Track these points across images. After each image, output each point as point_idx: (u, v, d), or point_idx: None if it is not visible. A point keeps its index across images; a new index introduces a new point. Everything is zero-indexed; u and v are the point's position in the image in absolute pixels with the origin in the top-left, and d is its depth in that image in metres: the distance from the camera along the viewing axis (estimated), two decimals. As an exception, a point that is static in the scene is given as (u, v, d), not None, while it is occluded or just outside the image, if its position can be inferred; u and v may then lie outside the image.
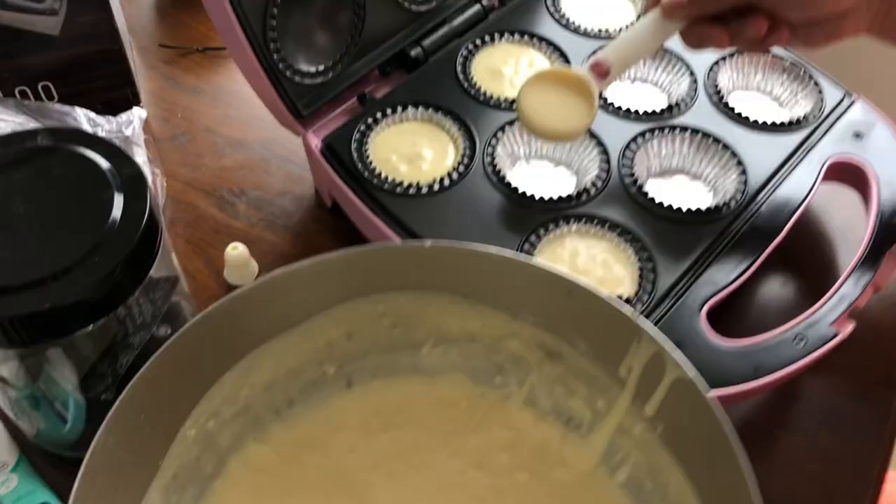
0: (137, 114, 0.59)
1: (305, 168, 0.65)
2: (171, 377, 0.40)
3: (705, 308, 0.49)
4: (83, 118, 0.57)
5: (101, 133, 0.57)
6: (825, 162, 0.57)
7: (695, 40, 0.50)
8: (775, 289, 0.56)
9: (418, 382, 0.51)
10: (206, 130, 0.68)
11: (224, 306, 0.42)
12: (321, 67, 0.57)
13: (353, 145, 0.57)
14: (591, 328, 0.44)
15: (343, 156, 0.56)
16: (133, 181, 0.42)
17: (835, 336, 0.48)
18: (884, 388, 0.55)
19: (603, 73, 0.51)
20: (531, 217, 0.53)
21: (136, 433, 0.39)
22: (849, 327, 0.49)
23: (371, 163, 0.56)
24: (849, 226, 0.59)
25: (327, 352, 0.48)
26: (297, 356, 0.47)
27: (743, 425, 0.51)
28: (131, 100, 0.68)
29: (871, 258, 0.52)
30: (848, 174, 0.58)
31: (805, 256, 0.58)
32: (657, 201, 0.54)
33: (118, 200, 0.41)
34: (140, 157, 0.58)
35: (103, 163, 0.41)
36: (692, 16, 0.49)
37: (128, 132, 0.57)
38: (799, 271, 0.58)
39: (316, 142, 0.58)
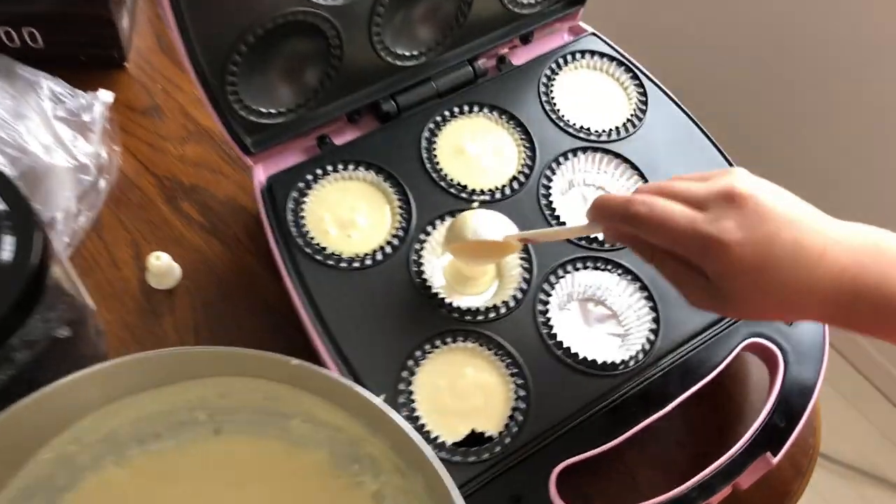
0: (101, 98, 0.59)
1: (257, 179, 0.66)
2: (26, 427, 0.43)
3: (556, 470, 0.50)
4: (46, 92, 0.57)
5: (60, 112, 0.58)
6: (743, 342, 0.56)
7: (611, 235, 0.50)
8: (645, 456, 0.57)
9: (283, 448, 0.53)
10: (180, 111, 0.68)
11: (102, 368, 0.44)
12: (283, 109, 0.57)
13: (294, 193, 0.57)
14: (423, 469, 0.46)
15: (279, 202, 0.57)
16: (25, 226, 0.43)
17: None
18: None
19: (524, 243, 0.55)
20: (434, 321, 0.54)
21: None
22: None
23: (303, 217, 0.56)
24: (747, 401, 0.59)
25: (199, 403, 0.51)
26: (166, 404, 0.50)
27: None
28: (116, 59, 0.68)
29: (742, 457, 0.52)
30: (761, 353, 0.57)
31: (691, 424, 0.58)
32: (557, 339, 0.54)
33: (6, 245, 0.42)
34: (93, 144, 0.58)
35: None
36: (616, 233, 0.50)
37: (86, 118, 0.57)
38: (677, 441, 0.58)
39: (261, 177, 0.58)
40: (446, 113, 0.62)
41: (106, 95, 0.60)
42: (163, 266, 0.59)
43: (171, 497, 0.51)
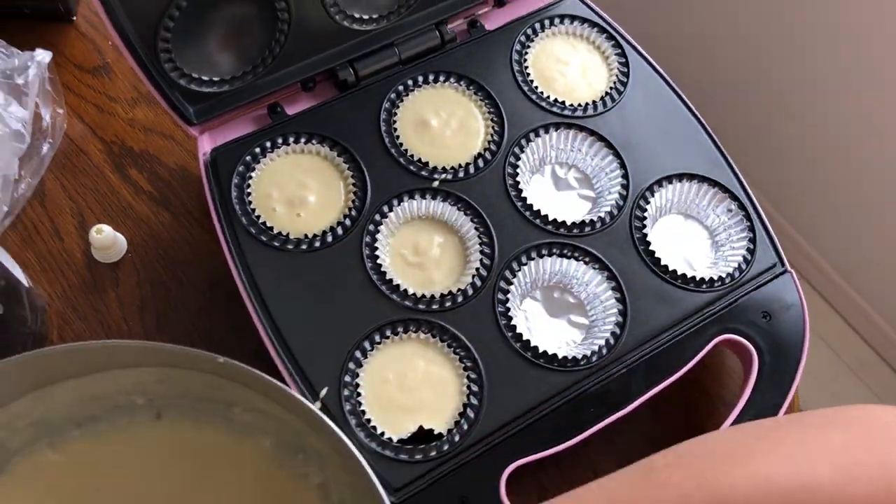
0: (38, 58, 0.55)
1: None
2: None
3: (507, 470, 0.48)
4: (-22, 48, 0.53)
5: (-8, 71, 0.54)
6: (715, 338, 0.53)
7: None
8: (612, 449, 0.54)
9: (226, 435, 0.51)
10: (131, 72, 0.64)
11: (26, 358, 0.41)
12: (227, 77, 0.53)
13: (240, 167, 0.53)
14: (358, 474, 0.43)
15: (223, 177, 0.53)
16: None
17: None
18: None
19: None
20: (385, 309, 0.51)
21: None
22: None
23: (250, 194, 0.53)
24: (720, 394, 0.56)
25: (135, 389, 0.48)
26: (100, 388, 0.47)
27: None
28: (62, 13, 0.64)
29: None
30: (735, 349, 0.54)
31: (660, 417, 0.55)
32: (516, 331, 0.51)
33: None
34: (28, 109, 0.54)
35: None
36: None
37: (19, 80, 0.53)
38: (644, 434, 0.55)
39: (206, 148, 0.54)
40: (409, 82, 0.58)
41: (43, 55, 0.56)
42: (105, 240, 0.56)
43: (110, 481, 0.49)
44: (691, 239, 0.57)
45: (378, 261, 0.52)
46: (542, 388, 0.50)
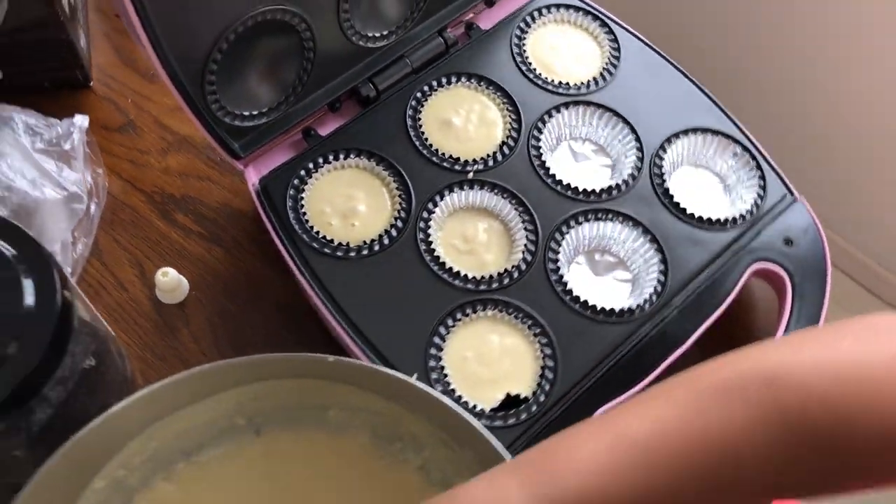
0: (78, 123, 0.58)
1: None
2: (76, 461, 0.44)
3: (599, 412, 0.52)
4: (21, 126, 0.56)
5: (39, 144, 0.57)
6: (750, 266, 0.58)
7: None
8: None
9: (323, 436, 0.54)
10: (155, 122, 0.68)
11: (131, 403, 0.44)
12: (265, 110, 0.56)
13: (290, 191, 0.57)
14: (473, 443, 0.47)
15: (277, 202, 0.57)
16: (42, 271, 0.43)
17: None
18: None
19: None
20: (452, 295, 0.55)
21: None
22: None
23: (304, 213, 0.57)
24: (762, 327, 0.61)
25: (237, 409, 0.51)
26: (205, 415, 0.50)
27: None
28: (80, 80, 0.67)
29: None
30: (768, 278, 0.59)
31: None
32: (575, 294, 0.55)
33: (28, 295, 0.42)
34: (78, 171, 0.58)
35: (12, 254, 0.42)
36: None
37: (66, 146, 0.57)
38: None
39: (253, 179, 0.58)
40: (425, 88, 0.62)
41: (82, 120, 0.59)
42: (171, 281, 0.59)
43: (221, 502, 0.52)
44: (706, 186, 0.62)
45: (435, 253, 0.56)
46: (606, 341, 0.54)
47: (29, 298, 0.43)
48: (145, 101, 0.69)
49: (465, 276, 0.55)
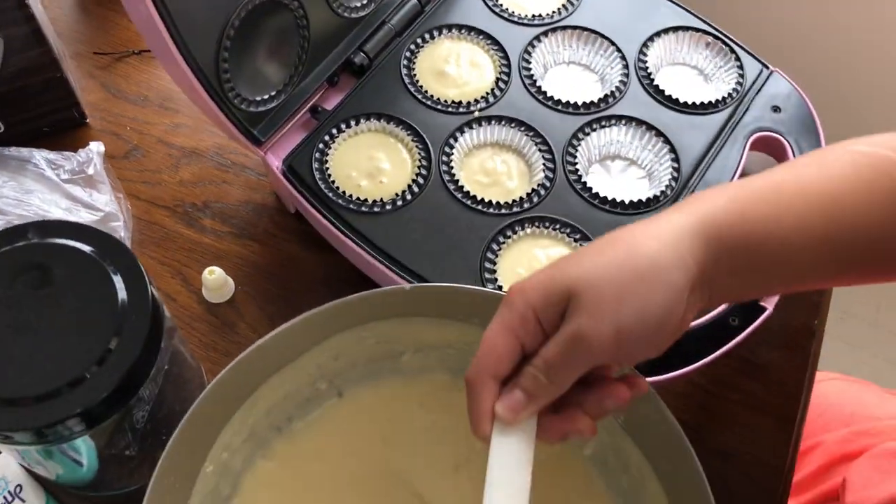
0: (96, 149, 0.60)
1: (262, 174, 0.68)
2: (189, 441, 0.45)
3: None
4: (43, 162, 0.58)
5: (62, 174, 0.59)
6: (748, 139, 0.62)
7: (557, 435, 0.41)
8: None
9: (400, 383, 0.57)
10: (159, 142, 0.69)
11: (228, 375, 0.46)
12: (274, 92, 0.59)
13: (315, 165, 0.60)
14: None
15: (306, 177, 0.59)
16: (128, 266, 0.45)
17: (764, 311, 0.55)
18: (804, 336, 0.63)
19: None
20: (490, 223, 0.58)
21: (168, 493, 0.44)
22: (774, 299, 0.56)
23: (333, 181, 0.59)
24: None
25: (318, 373, 0.53)
26: (291, 384, 0.52)
27: (683, 384, 0.59)
28: (77, 118, 0.68)
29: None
30: (767, 146, 0.64)
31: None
32: (601, 195, 0.59)
33: (120, 291, 0.44)
34: (106, 193, 0.59)
35: (97, 253, 0.44)
36: (538, 409, 0.39)
37: (90, 171, 0.58)
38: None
39: (276, 163, 0.60)
40: (412, 46, 0.65)
41: (97, 146, 0.61)
42: (218, 279, 0.61)
43: (320, 472, 0.54)
44: (690, 79, 0.66)
45: (465, 189, 0.59)
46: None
47: (122, 293, 0.44)
48: (144, 126, 0.70)
49: (497, 203, 0.59)
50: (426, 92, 0.63)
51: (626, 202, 0.59)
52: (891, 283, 0.43)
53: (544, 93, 0.63)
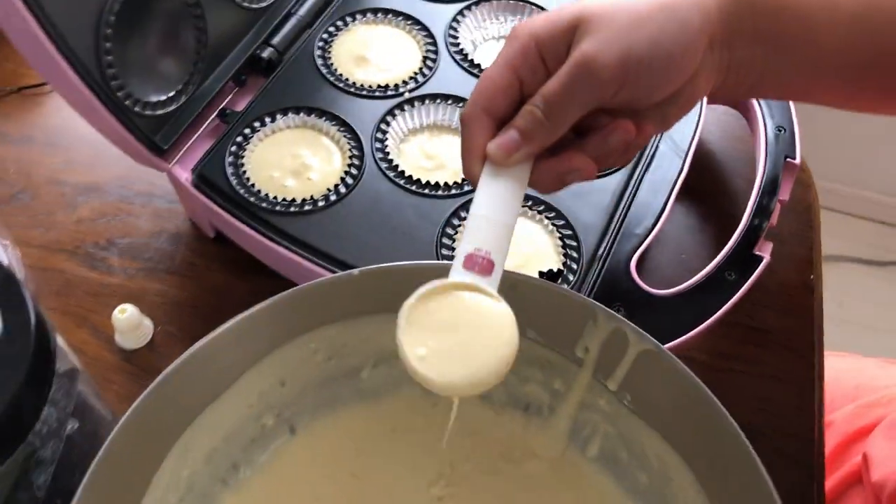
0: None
1: (173, 200, 0.59)
2: (105, 489, 0.36)
3: (633, 262, 0.49)
4: None
5: (-71, 218, 0.49)
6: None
7: (553, 182, 0.38)
8: (686, 231, 0.57)
9: (364, 409, 0.48)
10: (50, 182, 0.60)
11: (146, 402, 0.37)
12: (172, 93, 0.51)
13: (229, 170, 0.51)
14: (541, 317, 0.42)
15: (221, 184, 0.51)
16: (4, 285, 0.36)
17: (761, 261, 0.49)
18: (801, 294, 0.56)
19: (484, 266, 0.36)
20: (440, 206, 0.51)
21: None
22: (769, 248, 0.50)
23: (253, 185, 0.51)
24: (734, 151, 0.60)
25: (262, 404, 0.45)
26: (231, 420, 0.43)
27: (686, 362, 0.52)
28: (-50, 166, 0.59)
29: (771, 177, 0.53)
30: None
31: (704, 193, 0.59)
32: (559, 162, 0.52)
33: (-9, 314, 0.35)
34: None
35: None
36: (534, 153, 0.37)
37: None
38: (703, 208, 0.58)
39: (185, 175, 0.52)
40: (325, 36, 0.59)
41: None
42: (132, 318, 0.51)
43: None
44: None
45: (406, 174, 0.52)
46: (606, 190, 0.51)
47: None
48: (31, 167, 0.61)
49: (446, 184, 0.51)
50: (347, 80, 0.56)
51: (589, 164, 0.52)
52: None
53: (478, 65, 0.57)
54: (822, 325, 0.56)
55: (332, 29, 0.59)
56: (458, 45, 0.58)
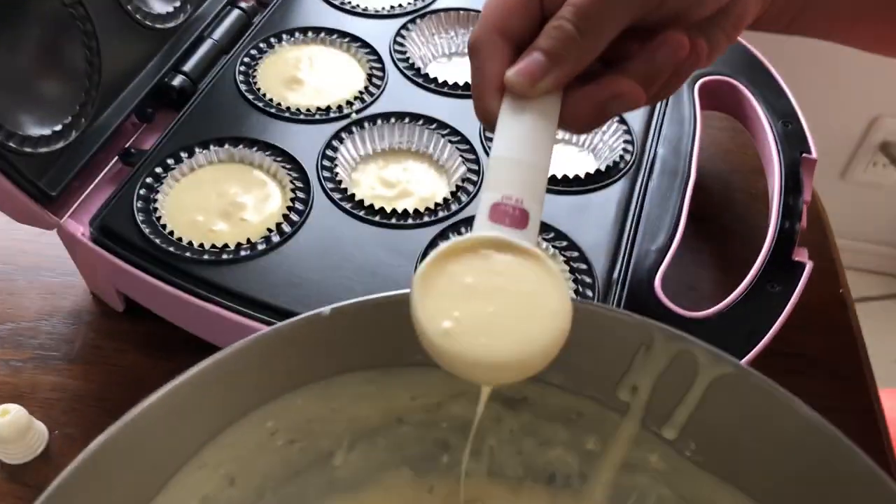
0: None
1: (67, 272, 0.47)
2: None
3: (658, 282, 0.39)
4: None
5: None
6: (694, 88, 0.50)
7: (592, 115, 0.30)
8: (707, 248, 0.48)
9: (340, 505, 0.36)
10: None
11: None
12: (59, 126, 0.40)
13: (139, 216, 0.40)
14: (569, 351, 0.32)
15: (129, 235, 0.40)
16: None
17: (804, 267, 0.40)
18: (835, 309, 0.49)
19: (517, 218, 0.27)
20: (411, 238, 0.41)
21: None
22: (805, 254, 0.42)
23: (172, 233, 0.40)
24: (729, 164, 0.53)
25: (208, 513, 0.32)
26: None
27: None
28: None
29: (790, 174, 0.45)
30: (720, 98, 0.51)
31: (704, 210, 0.51)
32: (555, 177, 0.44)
33: None
34: None
35: None
36: (564, 79, 0.29)
37: None
38: (705, 226, 0.50)
39: (81, 229, 0.40)
40: (247, 60, 0.49)
41: None
42: (18, 422, 0.39)
43: None
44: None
45: (366, 204, 0.42)
46: (610, 201, 0.43)
47: None
48: None
49: (417, 211, 0.42)
50: (279, 104, 0.47)
51: (582, 176, 0.44)
52: None
53: (434, 79, 0.48)
54: (864, 343, 0.47)
55: (254, 52, 0.49)
56: (407, 59, 0.50)
